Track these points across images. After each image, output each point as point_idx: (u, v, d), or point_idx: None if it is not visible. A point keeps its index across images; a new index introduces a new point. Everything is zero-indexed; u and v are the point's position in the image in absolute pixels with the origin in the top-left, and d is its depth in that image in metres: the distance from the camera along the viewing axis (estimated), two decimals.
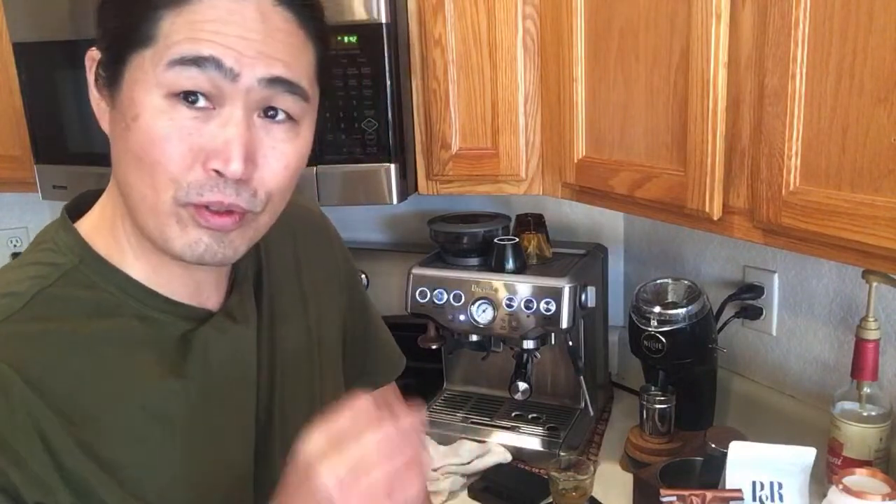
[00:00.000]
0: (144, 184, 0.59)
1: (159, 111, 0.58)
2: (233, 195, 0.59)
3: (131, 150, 0.59)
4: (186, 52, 0.56)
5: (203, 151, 0.58)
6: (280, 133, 0.62)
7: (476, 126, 1.30)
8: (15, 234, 2.07)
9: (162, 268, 0.66)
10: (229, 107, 0.58)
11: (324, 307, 0.85)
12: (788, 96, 0.83)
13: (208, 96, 0.58)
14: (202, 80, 0.57)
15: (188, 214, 0.60)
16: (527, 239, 1.42)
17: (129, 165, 0.60)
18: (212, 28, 0.57)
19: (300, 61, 0.61)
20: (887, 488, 0.89)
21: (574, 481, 1.18)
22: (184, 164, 0.58)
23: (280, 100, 0.61)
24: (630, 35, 1.06)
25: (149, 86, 0.58)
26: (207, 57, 0.56)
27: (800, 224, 0.84)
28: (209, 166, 0.58)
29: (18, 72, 1.47)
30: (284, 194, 0.65)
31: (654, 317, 1.28)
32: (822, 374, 1.26)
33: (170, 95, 0.57)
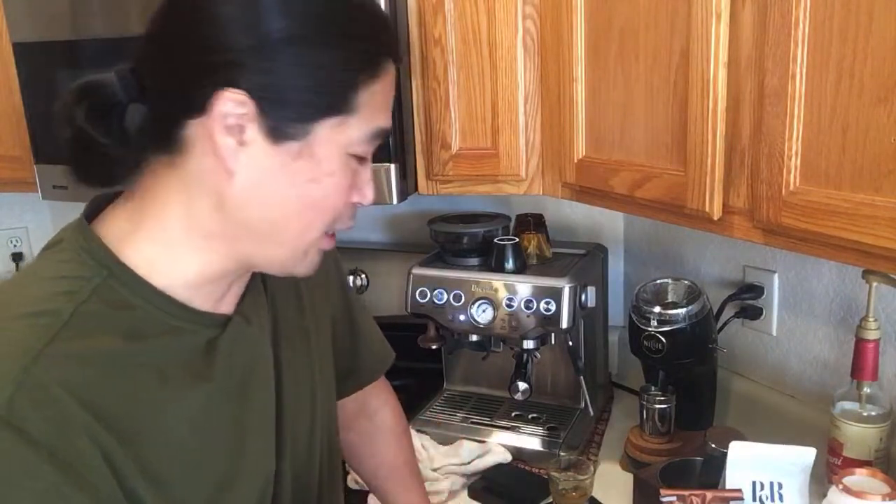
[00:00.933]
0: (306, 226, 0.67)
1: (346, 167, 0.66)
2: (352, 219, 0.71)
3: (311, 197, 0.65)
4: (380, 127, 0.66)
5: (351, 189, 0.68)
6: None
7: (476, 126, 1.30)
8: (15, 234, 2.07)
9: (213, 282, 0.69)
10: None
11: (318, 308, 0.87)
12: (788, 96, 0.83)
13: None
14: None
15: (322, 241, 0.69)
16: (527, 239, 1.42)
17: (289, 208, 0.65)
18: (388, 100, 0.68)
19: None
20: (887, 488, 0.89)
21: (574, 481, 1.18)
22: (342, 203, 0.68)
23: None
24: (630, 35, 1.06)
25: (341, 146, 0.64)
26: (387, 129, 0.68)
27: (800, 224, 0.84)
28: (352, 200, 0.68)
29: (18, 72, 1.47)
30: None
31: (654, 317, 1.28)
32: (822, 374, 1.26)
33: (354, 155, 0.66)
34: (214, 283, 0.69)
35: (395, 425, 1.08)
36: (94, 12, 1.38)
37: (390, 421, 1.08)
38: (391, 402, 1.09)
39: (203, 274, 0.68)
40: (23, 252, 2.07)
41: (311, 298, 0.86)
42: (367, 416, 1.06)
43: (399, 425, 1.09)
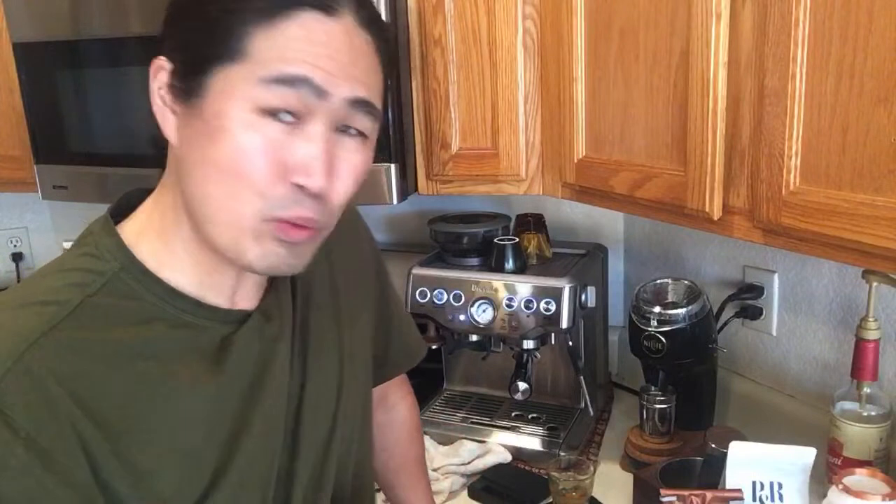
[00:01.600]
0: (226, 195, 0.60)
1: (248, 125, 0.59)
2: (312, 210, 0.61)
3: (215, 161, 0.60)
4: (282, 72, 0.58)
5: (286, 166, 0.60)
6: (353, 146, 0.64)
7: (476, 126, 1.30)
8: (15, 234, 2.07)
9: (214, 273, 0.67)
10: (313, 123, 0.60)
11: (354, 304, 0.85)
12: (788, 96, 0.83)
13: (294, 113, 0.59)
14: (292, 98, 0.58)
15: (269, 229, 0.61)
16: (527, 239, 1.42)
17: (207, 176, 0.61)
18: (302, 47, 0.58)
19: (376, 83, 0.64)
20: (887, 488, 0.89)
21: (574, 481, 1.18)
22: (268, 177, 0.59)
23: (357, 119, 0.63)
24: (630, 35, 1.06)
25: (237, 100, 0.59)
26: (300, 77, 0.58)
27: (800, 224, 0.84)
28: (292, 180, 0.60)
29: (18, 72, 1.47)
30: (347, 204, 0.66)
31: (654, 317, 1.28)
32: (822, 374, 1.26)
33: (259, 110, 0.59)
34: (214, 274, 0.67)
35: (411, 421, 1.08)
36: (94, 12, 1.39)
37: (406, 416, 1.07)
38: (409, 399, 1.08)
39: (198, 264, 0.66)
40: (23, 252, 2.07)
41: (348, 294, 0.84)
42: (385, 408, 1.05)
43: (414, 421, 1.08)
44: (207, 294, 0.67)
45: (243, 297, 0.71)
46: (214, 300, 0.68)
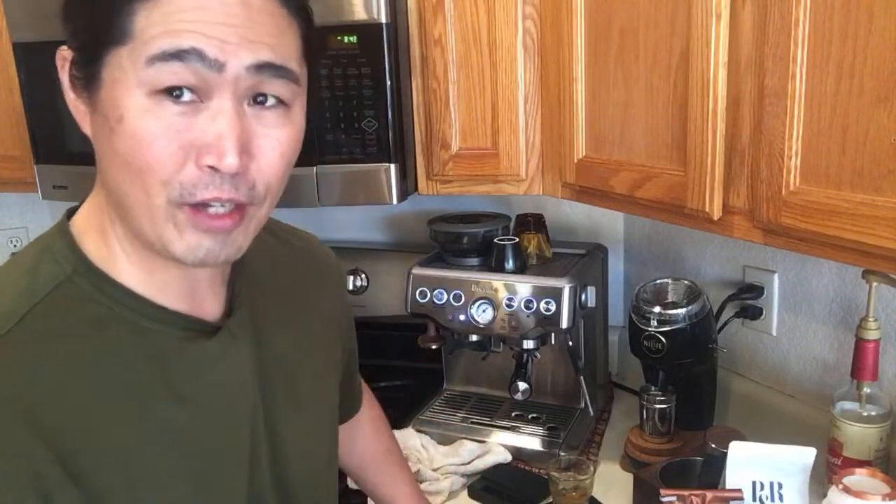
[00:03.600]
0: (136, 188, 0.56)
1: (144, 110, 0.54)
2: (231, 190, 0.56)
3: (118, 153, 0.56)
4: (166, 47, 0.53)
5: (194, 147, 0.55)
6: (272, 119, 0.59)
7: (476, 126, 1.30)
8: (15, 234, 2.07)
9: (156, 272, 0.63)
10: (217, 98, 0.55)
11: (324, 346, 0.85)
12: (788, 96, 0.83)
13: (194, 90, 0.55)
14: (186, 73, 0.54)
15: (184, 217, 0.57)
16: (527, 239, 1.42)
17: (118, 169, 0.57)
18: (189, 17, 0.53)
19: (286, 42, 0.58)
20: (887, 488, 0.89)
21: (574, 481, 1.18)
22: (174, 163, 0.55)
23: (269, 85, 0.57)
24: (630, 35, 1.06)
25: (130, 85, 0.54)
26: (188, 49, 0.53)
27: (800, 224, 0.84)
28: (202, 162, 0.55)
29: (18, 72, 1.47)
30: (282, 183, 0.62)
31: (654, 317, 1.28)
32: (822, 374, 1.26)
33: (153, 93, 0.54)
34: (156, 273, 0.63)
35: (369, 411, 1.05)
36: None
37: (366, 411, 1.05)
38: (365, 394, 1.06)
39: (139, 263, 0.62)
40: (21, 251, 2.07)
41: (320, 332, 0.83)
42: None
43: (373, 410, 1.07)
44: (161, 297, 0.63)
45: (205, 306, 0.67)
46: (172, 304, 0.64)
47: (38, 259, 0.62)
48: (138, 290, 0.62)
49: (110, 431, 0.59)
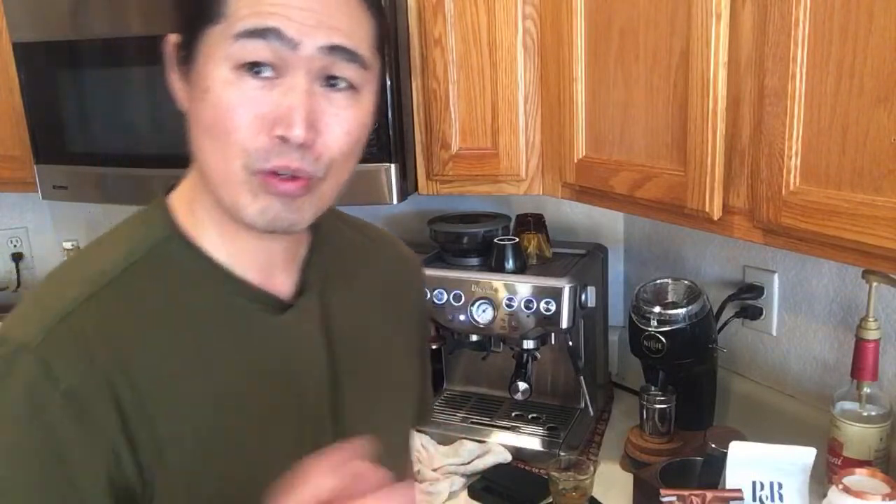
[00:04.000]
0: (216, 153, 0.63)
1: (227, 83, 0.61)
2: (297, 160, 0.62)
3: (203, 121, 0.63)
4: (251, 25, 0.59)
5: (268, 119, 0.61)
6: (341, 100, 0.64)
7: (476, 126, 1.30)
8: (15, 234, 2.07)
9: (237, 241, 0.69)
10: (291, 76, 0.61)
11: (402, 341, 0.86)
12: (788, 96, 0.83)
13: (272, 66, 0.60)
14: (266, 51, 0.60)
15: (258, 182, 0.62)
16: (527, 239, 1.42)
17: (201, 137, 0.64)
18: (274, 1, 0.60)
19: (359, 31, 0.64)
20: (887, 488, 0.89)
21: (574, 481, 1.18)
22: (250, 132, 0.61)
23: (340, 68, 0.63)
24: (630, 35, 1.06)
25: (218, 59, 0.61)
26: (270, 28, 0.59)
27: (800, 224, 0.84)
28: (274, 133, 0.61)
29: (18, 72, 1.47)
30: (347, 161, 0.66)
31: (654, 317, 1.28)
32: (822, 374, 1.26)
33: (237, 67, 0.60)
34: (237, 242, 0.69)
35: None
36: (94, 12, 1.39)
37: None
38: None
39: (222, 234, 0.68)
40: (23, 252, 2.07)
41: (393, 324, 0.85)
42: None
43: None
44: (238, 267, 0.69)
45: (275, 281, 0.72)
46: (248, 276, 0.70)
47: (138, 226, 0.70)
48: (219, 258, 0.69)
49: (182, 384, 0.65)
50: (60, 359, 0.60)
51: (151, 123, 1.42)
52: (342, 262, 0.80)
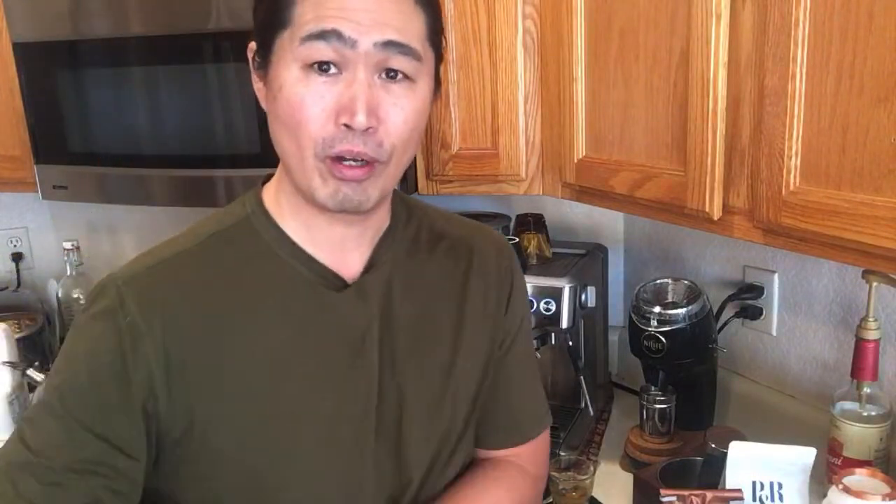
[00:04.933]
0: (291, 144, 0.71)
1: (297, 80, 0.69)
2: (360, 144, 0.69)
3: (279, 116, 0.71)
4: (314, 29, 0.68)
5: (334, 110, 0.69)
6: (399, 90, 0.71)
7: (476, 126, 1.30)
8: (15, 234, 2.07)
9: (311, 222, 0.77)
10: (352, 70, 0.69)
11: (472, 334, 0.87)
12: (788, 96, 0.83)
13: (335, 64, 0.68)
14: (328, 50, 0.68)
15: (326, 168, 0.70)
16: (527, 239, 1.42)
17: (279, 131, 0.72)
18: (334, 6, 0.67)
19: (411, 26, 0.71)
20: (887, 488, 0.89)
21: (574, 481, 1.17)
22: (319, 122, 0.69)
23: (395, 60, 0.70)
24: (630, 35, 1.06)
25: (288, 61, 0.69)
26: (330, 30, 0.67)
27: (800, 224, 0.84)
28: (340, 121, 0.68)
29: (18, 72, 1.47)
30: (408, 145, 0.74)
31: (654, 317, 1.28)
32: (822, 374, 1.26)
33: (305, 67, 0.69)
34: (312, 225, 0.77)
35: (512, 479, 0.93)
36: (94, 12, 1.38)
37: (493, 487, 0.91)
38: (518, 479, 0.94)
39: (298, 215, 0.77)
40: (23, 252, 2.07)
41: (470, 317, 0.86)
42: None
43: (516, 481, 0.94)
44: (311, 246, 0.78)
45: (345, 261, 0.79)
46: (318, 255, 0.78)
47: (235, 205, 0.81)
48: (294, 237, 0.78)
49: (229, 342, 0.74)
50: (132, 297, 0.72)
51: (151, 123, 1.42)
52: (416, 247, 0.86)
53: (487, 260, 0.90)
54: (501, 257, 0.92)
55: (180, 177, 1.42)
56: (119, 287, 0.73)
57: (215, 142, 1.37)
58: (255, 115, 1.33)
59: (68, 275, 1.84)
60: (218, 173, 1.39)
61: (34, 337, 1.79)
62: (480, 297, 0.88)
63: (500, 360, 0.92)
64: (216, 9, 1.30)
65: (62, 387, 0.72)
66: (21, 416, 0.76)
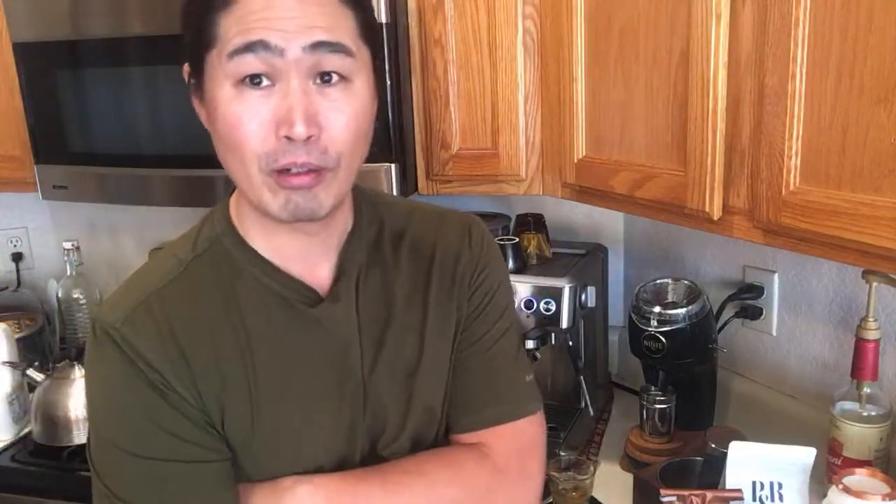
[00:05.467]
0: (235, 162, 0.70)
1: (231, 98, 0.68)
2: (304, 155, 0.67)
3: (220, 136, 0.70)
4: (240, 42, 0.66)
5: (272, 123, 0.67)
6: (336, 93, 0.69)
7: (476, 126, 1.30)
8: (15, 234, 2.07)
9: (275, 237, 0.77)
10: (285, 80, 0.67)
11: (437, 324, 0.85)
12: (788, 96, 0.83)
13: (267, 75, 0.67)
14: (256, 62, 0.66)
15: (274, 181, 0.69)
16: (527, 239, 1.42)
17: (223, 150, 0.71)
18: (256, 17, 0.66)
19: (339, 25, 0.69)
20: (887, 488, 0.89)
21: (574, 481, 1.17)
22: (259, 137, 0.67)
23: (327, 61, 0.68)
24: (630, 35, 1.06)
25: (220, 79, 0.68)
26: (256, 41, 0.65)
27: (800, 224, 0.84)
28: (280, 134, 0.67)
29: (18, 72, 1.47)
30: (355, 150, 0.72)
31: (654, 317, 1.28)
32: (822, 374, 1.26)
33: (236, 83, 0.67)
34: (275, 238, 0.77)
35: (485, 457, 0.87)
36: (94, 12, 1.39)
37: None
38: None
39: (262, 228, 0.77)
40: (23, 252, 2.07)
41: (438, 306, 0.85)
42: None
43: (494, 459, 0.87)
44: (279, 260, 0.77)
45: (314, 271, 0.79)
46: (290, 267, 0.78)
47: (206, 223, 0.81)
48: (264, 253, 0.78)
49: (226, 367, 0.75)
50: (136, 337, 0.72)
51: (151, 123, 1.42)
52: (380, 248, 0.84)
53: (449, 246, 0.87)
54: (466, 237, 0.88)
55: (180, 177, 1.42)
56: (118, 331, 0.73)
57: None
58: None
59: (68, 275, 1.84)
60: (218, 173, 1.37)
61: (34, 337, 1.79)
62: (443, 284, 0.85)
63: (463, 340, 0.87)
64: None
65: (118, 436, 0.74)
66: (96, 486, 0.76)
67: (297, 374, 0.77)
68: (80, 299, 1.85)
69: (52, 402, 1.42)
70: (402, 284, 0.84)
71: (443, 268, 0.86)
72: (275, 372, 0.76)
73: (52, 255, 2.05)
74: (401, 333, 0.83)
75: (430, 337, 0.84)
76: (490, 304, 0.88)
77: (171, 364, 0.73)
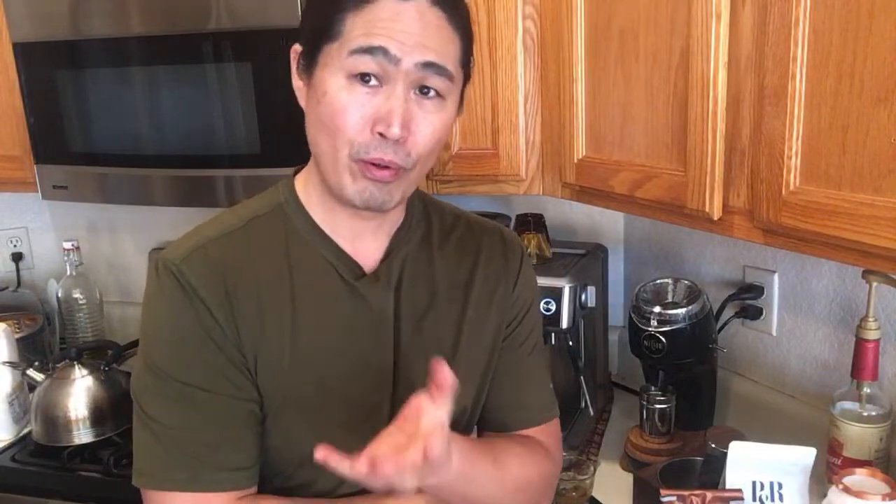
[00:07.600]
0: (328, 144, 0.77)
1: (341, 88, 0.75)
2: (391, 154, 0.76)
3: (320, 118, 0.77)
4: (363, 44, 0.74)
5: (372, 118, 0.75)
6: (430, 106, 0.77)
7: (476, 126, 1.30)
8: (15, 234, 2.07)
9: (333, 213, 0.85)
10: (392, 85, 0.75)
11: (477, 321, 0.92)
12: (788, 96, 0.83)
13: (377, 77, 0.75)
14: (372, 64, 0.74)
15: (358, 168, 0.77)
16: (527, 239, 1.42)
17: (317, 131, 0.79)
18: (382, 25, 0.74)
19: (448, 50, 0.77)
20: (887, 488, 0.89)
21: (574, 481, 1.18)
22: (357, 128, 0.75)
23: (431, 80, 0.76)
24: (630, 35, 1.06)
25: (334, 69, 0.75)
26: (378, 47, 0.73)
27: (800, 224, 0.84)
28: (376, 130, 0.75)
29: (18, 72, 1.47)
30: (431, 155, 0.81)
31: (654, 317, 1.28)
32: (822, 374, 1.26)
33: (349, 76, 0.75)
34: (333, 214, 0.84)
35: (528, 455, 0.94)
36: (94, 12, 1.39)
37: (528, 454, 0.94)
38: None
39: (323, 204, 0.84)
40: (23, 252, 2.07)
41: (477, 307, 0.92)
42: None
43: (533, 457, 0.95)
44: (333, 233, 0.85)
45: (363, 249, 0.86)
46: (341, 243, 0.85)
47: (271, 192, 0.89)
48: (321, 224, 0.85)
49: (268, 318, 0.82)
50: (192, 274, 0.80)
51: (151, 123, 1.42)
52: (428, 242, 0.92)
53: (493, 255, 0.95)
54: (507, 251, 0.96)
55: (180, 177, 1.42)
56: (175, 266, 0.80)
57: (215, 142, 1.37)
58: (255, 115, 1.33)
59: (68, 275, 1.84)
60: (218, 173, 1.39)
61: (34, 337, 1.79)
62: (485, 288, 0.93)
63: (508, 346, 0.96)
64: (216, 9, 1.31)
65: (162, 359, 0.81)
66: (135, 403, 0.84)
67: (331, 336, 0.84)
68: (80, 299, 1.85)
69: (52, 402, 1.42)
70: (445, 278, 0.91)
71: (486, 271, 0.94)
72: (311, 331, 0.83)
73: (52, 255, 2.06)
74: (439, 322, 0.89)
75: (467, 331, 0.91)
76: (528, 314, 0.98)
77: (219, 303, 0.80)
